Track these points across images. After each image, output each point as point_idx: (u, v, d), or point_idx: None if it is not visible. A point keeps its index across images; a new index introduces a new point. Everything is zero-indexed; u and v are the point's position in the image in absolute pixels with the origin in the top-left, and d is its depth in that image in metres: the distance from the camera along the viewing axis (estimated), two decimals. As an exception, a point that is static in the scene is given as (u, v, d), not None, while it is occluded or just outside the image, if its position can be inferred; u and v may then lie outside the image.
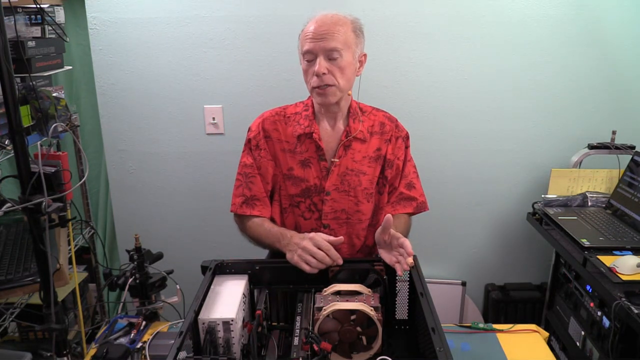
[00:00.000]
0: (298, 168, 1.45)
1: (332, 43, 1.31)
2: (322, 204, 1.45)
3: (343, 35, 1.32)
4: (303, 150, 1.44)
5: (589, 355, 1.67)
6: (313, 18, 1.36)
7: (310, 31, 1.33)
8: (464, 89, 2.11)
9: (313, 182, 1.44)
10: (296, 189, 1.46)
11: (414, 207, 1.50)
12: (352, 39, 1.35)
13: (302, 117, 1.46)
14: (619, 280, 1.47)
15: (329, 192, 1.44)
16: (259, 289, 1.27)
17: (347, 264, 1.25)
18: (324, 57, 1.32)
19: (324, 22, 1.32)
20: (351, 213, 1.46)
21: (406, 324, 1.28)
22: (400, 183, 1.50)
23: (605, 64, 2.08)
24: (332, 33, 1.31)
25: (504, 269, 2.36)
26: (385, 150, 1.47)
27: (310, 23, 1.35)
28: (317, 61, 1.32)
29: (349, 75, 1.36)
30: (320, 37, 1.31)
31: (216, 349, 1.08)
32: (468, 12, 2.03)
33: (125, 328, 1.35)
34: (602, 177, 2.08)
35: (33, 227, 1.15)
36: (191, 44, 2.08)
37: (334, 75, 1.33)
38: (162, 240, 2.18)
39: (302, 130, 1.44)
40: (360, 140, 1.45)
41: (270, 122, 1.47)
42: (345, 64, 1.34)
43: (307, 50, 1.33)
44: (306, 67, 1.37)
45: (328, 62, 1.33)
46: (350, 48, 1.34)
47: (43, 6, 1.65)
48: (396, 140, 1.48)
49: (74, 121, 1.93)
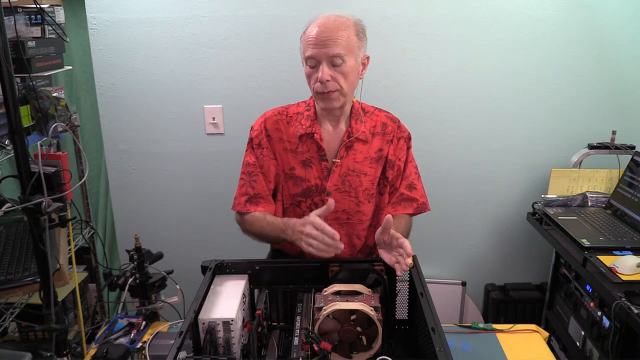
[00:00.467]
0: (299, 168, 1.45)
1: (336, 49, 1.29)
2: (322, 204, 1.44)
3: (346, 40, 1.30)
4: (304, 150, 1.44)
5: (589, 355, 1.67)
6: (315, 21, 1.34)
7: (312, 36, 1.30)
8: (464, 89, 2.11)
9: (314, 182, 1.44)
10: (297, 188, 1.46)
11: (414, 208, 1.50)
12: (355, 42, 1.33)
13: (304, 117, 1.46)
14: (619, 280, 1.47)
15: (329, 192, 1.44)
16: (259, 289, 1.27)
17: (347, 264, 1.25)
18: (327, 63, 1.30)
19: (326, 27, 1.30)
20: (352, 213, 1.46)
21: (406, 324, 1.28)
22: (402, 184, 1.49)
23: (605, 64, 2.08)
24: (335, 39, 1.29)
25: (504, 269, 2.36)
26: (387, 151, 1.46)
27: (312, 26, 1.33)
28: (320, 68, 1.31)
29: (353, 79, 1.36)
30: (323, 44, 1.29)
31: (216, 349, 1.08)
32: (468, 12, 2.03)
33: (125, 328, 1.35)
34: (602, 177, 2.08)
35: (33, 227, 1.15)
36: (191, 44, 2.08)
37: (338, 81, 1.32)
38: (162, 240, 2.17)
39: (303, 131, 1.44)
40: (362, 141, 1.45)
41: (272, 121, 1.47)
42: (348, 69, 1.32)
43: (309, 56, 1.32)
44: (309, 72, 1.36)
45: (331, 69, 1.31)
46: (353, 52, 1.33)
47: (43, 6, 1.65)
48: (398, 141, 1.48)
49: (74, 121, 1.93)
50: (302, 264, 1.30)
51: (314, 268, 1.26)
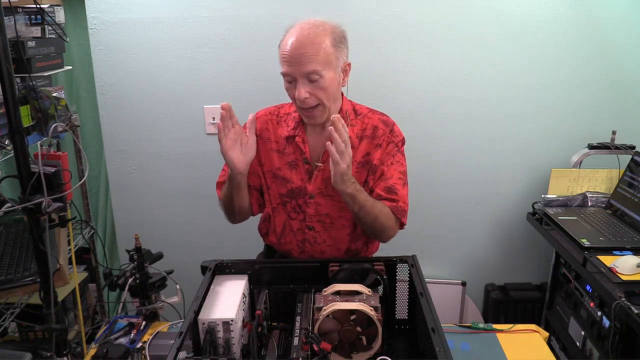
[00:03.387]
0: (285, 169, 1.45)
1: (310, 66, 1.25)
2: (306, 206, 1.44)
3: (322, 55, 1.26)
4: (290, 152, 1.44)
5: (589, 355, 1.67)
6: (290, 30, 1.30)
7: (287, 51, 1.27)
8: (465, 89, 2.11)
9: (297, 184, 1.43)
10: (283, 189, 1.45)
11: (392, 207, 1.37)
12: (332, 53, 1.28)
13: (291, 118, 1.45)
14: (619, 280, 1.47)
15: (312, 195, 1.42)
16: (259, 289, 1.27)
17: (347, 264, 1.25)
18: (303, 80, 1.27)
19: (300, 43, 1.25)
20: (335, 217, 1.44)
21: (406, 324, 1.28)
22: (378, 185, 1.39)
23: (605, 64, 2.08)
24: (310, 55, 1.24)
25: (504, 269, 2.36)
26: (373, 155, 1.41)
27: (288, 37, 1.29)
28: (297, 85, 1.28)
29: (333, 91, 1.32)
30: (297, 61, 1.25)
31: (216, 349, 1.08)
32: (468, 12, 2.03)
33: (125, 328, 1.35)
34: (602, 177, 2.08)
35: (33, 227, 1.15)
36: (191, 44, 2.08)
37: (317, 95, 1.29)
38: (162, 240, 2.16)
39: (288, 133, 1.43)
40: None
41: (263, 121, 1.47)
42: (327, 83, 1.29)
43: (285, 72, 1.29)
44: (287, 87, 1.33)
45: (309, 85, 1.28)
46: (330, 65, 1.28)
47: (43, 6, 1.65)
48: (387, 145, 1.41)
49: (74, 121, 1.93)
50: (302, 264, 1.30)
51: (314, 268, 1.26)
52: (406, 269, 1.26)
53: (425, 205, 2.21)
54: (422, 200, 2.19)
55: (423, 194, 2.20)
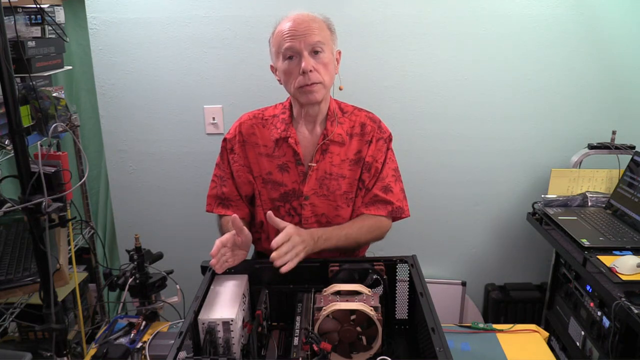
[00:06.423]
0: (276, 172, 1.44)
1: (316, 37, 1.31)
2: (301, 209, 1.44)
3: (322, 32, 1.33)
4: (280, 155, 1.43)
5: (589, 355, 1.67)
6: (285, 18, 1.35)
7: (287, 29, 1.31)
8: (464, 89, 2.11)
9: (291, 186, 1.43)
10: (275, 193, 1.44)
11: (388, 211, 1.44)
12: (329, 35, 1.36)
13: (279, 120, 1.44)
14: (619, 280, 1.47)
15: (307, 196, 1.42)
16: (259, 289, 1.27)
17: (347, 264, 1.25)
18: (308, 52, 1.31)
19: (302, 20, 1.32)
20: (331, 217, 1.44)
21: (406, 324, 1.28)
22: (376, 185, 1.44)
23: (605, 64, 2.08)
24: (312, 29, 1.31)
25: (504, 269, 2.36)
26: (365, 152, 1.43)
27: (284, 22, 1.34)
28: (301, 59, 1.31)
29: (331, 72, 1.37)
30: (302, 34, 1.30)
31: (216, 349, 1.08)
32: (468, 12, 2.03)
33: (125, 328, 1.35)
34: (602, 177, 2.08)
35: (33, 227, 1.15)
36: (191, 44, 2.08)
37: (319, 72, 1.33)
38: (162, 240, 2.17)
39: (278, 135, 1.42)
40: (339, 144, 1.42)
41: (248, 125, 1.46)
42: (327, 60, 1.34)
43: (289, 47, 1.31)
44: (288, 67, 1.34)
45: (313, 59, 1.32)
46: (328, 45, 1.34)
47: (43, 6, 1.65)
48: (377, 142, 1.43)
49: (74, 121, 1.93)
50: (302, 264, 1.29)
51: (314, 268, 1.26)
52: (406, 269, 1.26)
53: (425, 206, 2.21)
54: (422, 201, 2.19)
55: (423, 194, 2.20)
